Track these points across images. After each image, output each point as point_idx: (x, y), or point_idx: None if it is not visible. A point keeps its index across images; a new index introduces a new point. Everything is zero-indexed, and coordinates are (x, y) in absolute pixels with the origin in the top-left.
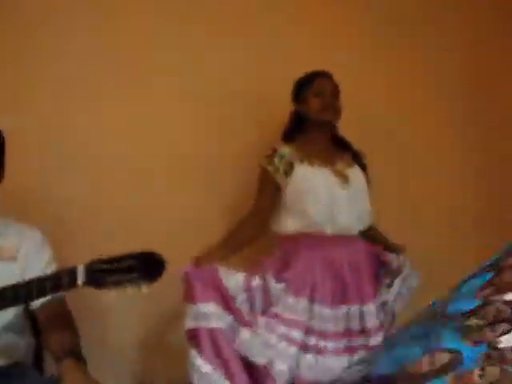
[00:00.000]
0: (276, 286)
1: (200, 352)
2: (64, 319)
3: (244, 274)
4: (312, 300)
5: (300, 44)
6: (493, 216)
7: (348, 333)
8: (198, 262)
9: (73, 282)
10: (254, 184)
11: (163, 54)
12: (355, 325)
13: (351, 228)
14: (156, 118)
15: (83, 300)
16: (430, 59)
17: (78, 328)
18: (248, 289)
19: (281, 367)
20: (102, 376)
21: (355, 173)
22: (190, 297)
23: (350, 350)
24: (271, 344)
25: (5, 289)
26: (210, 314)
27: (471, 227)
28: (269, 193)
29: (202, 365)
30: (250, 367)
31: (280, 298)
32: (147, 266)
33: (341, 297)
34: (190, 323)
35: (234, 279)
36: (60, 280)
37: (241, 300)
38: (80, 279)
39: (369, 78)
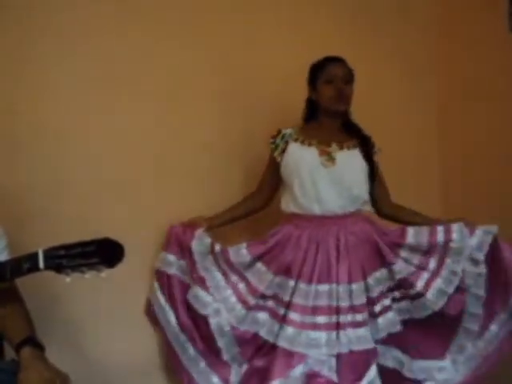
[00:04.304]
0: (245, 254)
1: (160, 287)
2: (17, 306)
3: (211, 239)
4: (287, 275)
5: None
6: None
7: (334, 309)
8: (188, 222)
9: (35, 266)
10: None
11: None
12: (342, 302)
13: (339, 208)
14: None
15: None
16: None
17: (30, 314)
18: (212, 252)
19: (223, 320)
20: None
21: (348, 156)
22: (164, 245)
23: (335, 326)
24: (223, 296)
25: None
26: (170, 263)
27: None
28: (269, 171)
29: (160, 296)
30: (197, 317)
31: (248, 265)
32: (106, 252)
33: (325, 275)
34: (157, 264)
35: (203, 243)
36: (21, 264)
37: (209, 262)
38: (41, 263)
39: None
